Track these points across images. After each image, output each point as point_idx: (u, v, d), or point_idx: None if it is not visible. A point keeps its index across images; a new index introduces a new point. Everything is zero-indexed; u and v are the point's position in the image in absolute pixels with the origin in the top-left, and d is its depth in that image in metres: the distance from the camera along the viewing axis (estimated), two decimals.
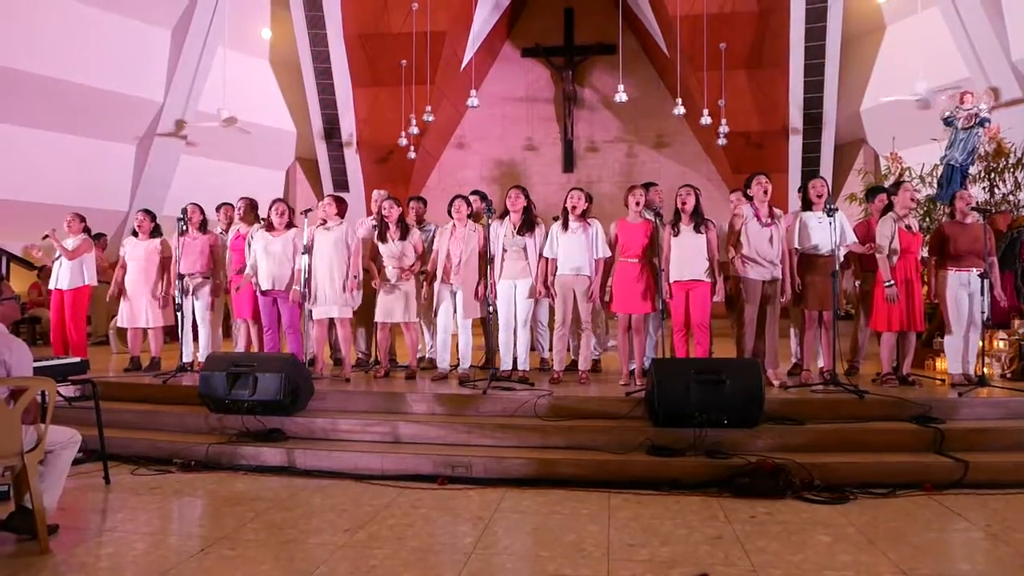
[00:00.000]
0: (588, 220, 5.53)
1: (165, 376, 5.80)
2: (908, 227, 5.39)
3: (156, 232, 6.62)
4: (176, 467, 4.48)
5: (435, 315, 5.80)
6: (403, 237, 5.78)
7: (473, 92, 10.79)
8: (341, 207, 5.88)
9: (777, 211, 5.49)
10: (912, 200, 5.47)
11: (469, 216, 5.81)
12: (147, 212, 6.67)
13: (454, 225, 5.73)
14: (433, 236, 6.02)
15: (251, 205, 6.39)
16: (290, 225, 5.92)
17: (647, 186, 5.97)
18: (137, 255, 6.49)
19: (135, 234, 6.61)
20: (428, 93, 11.47)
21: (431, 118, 11.22)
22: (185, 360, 6.21)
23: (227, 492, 4.04)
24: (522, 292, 5.65)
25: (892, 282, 5.26)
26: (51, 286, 6.73)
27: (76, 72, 9.68)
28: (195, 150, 11.53)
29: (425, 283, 5.84)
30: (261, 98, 12.24)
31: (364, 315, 6.19)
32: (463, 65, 12.27)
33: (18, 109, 9.47)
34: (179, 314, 6.15)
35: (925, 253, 5.73)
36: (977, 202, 7.27)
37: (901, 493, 3.86)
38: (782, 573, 2.86)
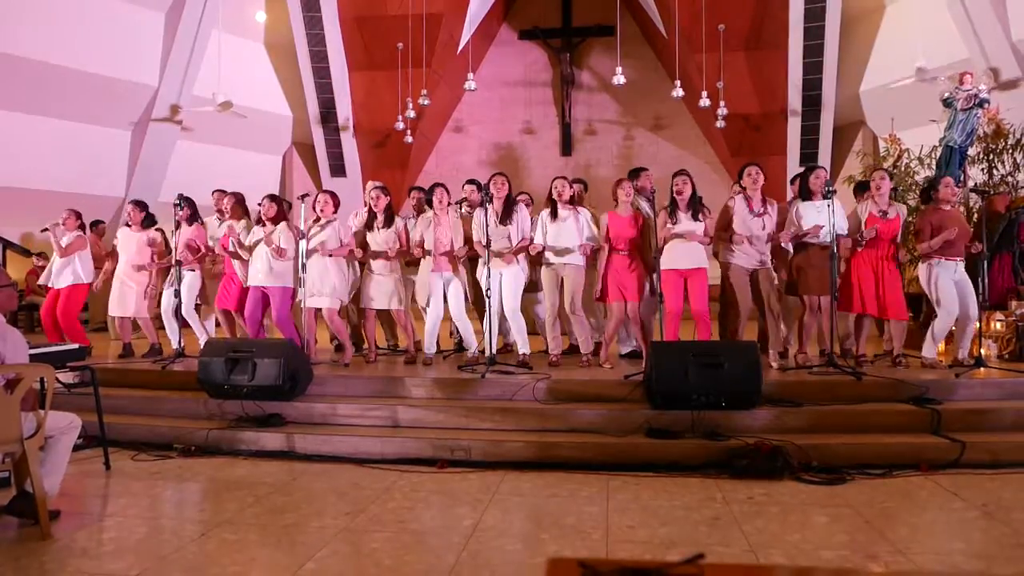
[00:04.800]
0: (578, 208, 5.53)
1: (164, 362, 5.81)
2: (883, 213, 5.37)
3: (149, 221, 6.60)
4: (176, 452, 4.50)
5: (426, 304, 5.83)
6: (387, 226, 5.79)
7: (470, 75, 10.71)
8: (336, 203, 5.88)
9: (770, 201, 5.49)
10: (877, 188, 5.43)
11: (460, 204, 5.83)
12: (137, 203, 6.65)
13: (435, 214, 5.74)
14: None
15: (239, 200, 6.34)
16: (279, 218, 5.90)
17: (636, 172, 5.95)
18: (128, 246, 6.51)
19: (129, 225, 6.60)
20: (425, 76, 11.39)
21: (427, 102, 11.15)
22: (179, 346, 6.21)
23: (227, 477, 4.06)
24: (508, 280, 5.61)
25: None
26: (42, 280, 6.70)
27: (69, 57, 9.59)
28: (191, 135, 11.46)
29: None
30: (257, 82, 12.14)
31: (357, 301, 6.22)
32: (460, 48, 12.16)
33: (11, 95, 9.40)
34: (177, 301, 6.15)
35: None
36: (975, 183, 7.28)
37: (898, 473, 3.89)
38: (779, 553, 2.88)
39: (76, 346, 4.65)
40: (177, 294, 6.06)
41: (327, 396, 5.08)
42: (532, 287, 5.98)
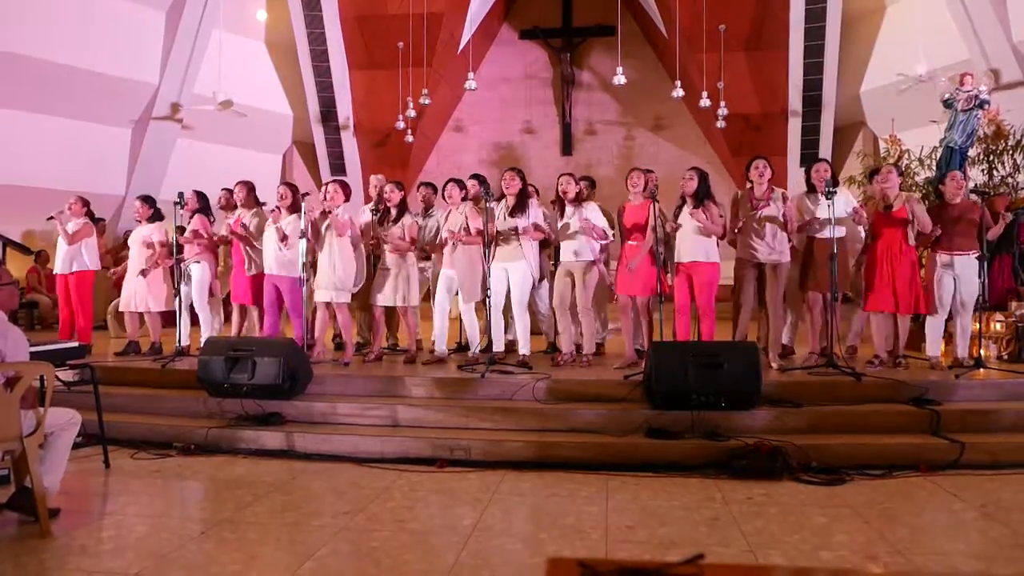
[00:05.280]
0: (582, 204, 5.54)
1: (164, 360, 5.81)
2: (887, 208, 5.36)
3: (156, 216, 6.63)
4: (176, 451, 4.50)
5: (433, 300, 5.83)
6: (398, 221, 5.79)
7: (471, 75, 10.71)
8: (347, 193, 5.86)
9: (779, 190, 5.46)
10: (884, 181, 5.43)
11: (464, 199, 5.80)
12: (144, 199, 6.67)
13: (448, 211, 5.75)
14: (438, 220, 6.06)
15: (250, 188, 6.39)
16: (294, 207, 5.91)
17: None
18: (136, 240, 6.54)
19: (139, 221, 6.65)
20: (425, 76, 11.39)
21: (428, 101, 11.15)
22: (183, 344, 6.22)
23: (227, 475, 4.06)
24: (515, 276, 5.59)
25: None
26: (55, 270, 6.75)
27: (70, 55, 9.59)
28: (191, 133, 11.45)
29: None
30: (257, 81, 12.14)
31: (365, 300, 6.21)
32: (460, 47, 12.16)
33: (12, 93, 9.39)
34: (178, 299, 6.16)
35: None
36: (976, 184, 7.28)
37: (897, 474, 3.89)
38: (778, 554, 2.88)
39: (76, 344, 4.65)
40: (178, 292, 6.06)
41: (327, 395, 5.08)
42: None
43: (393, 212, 5.80)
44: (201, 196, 6.54)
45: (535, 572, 2.73)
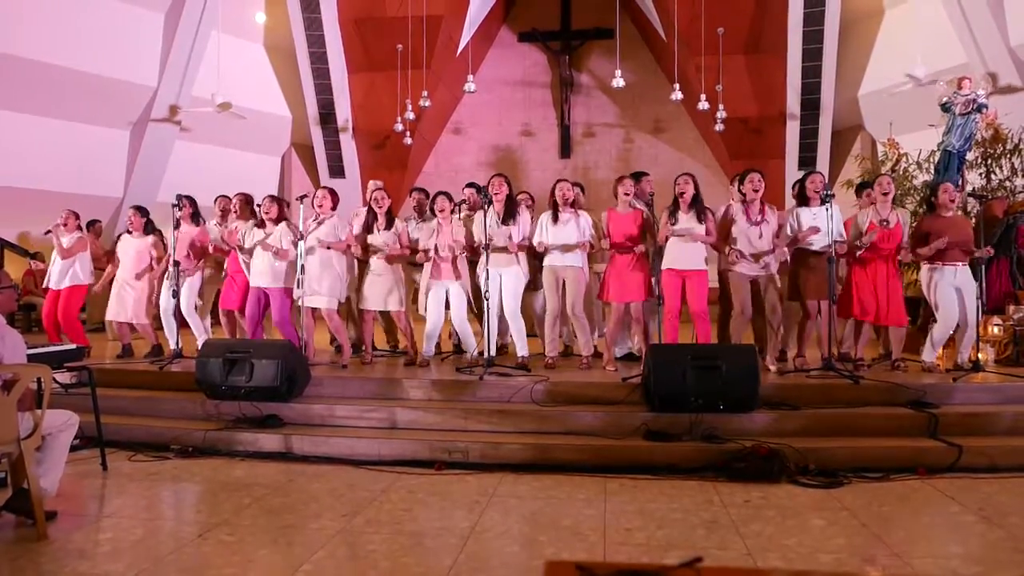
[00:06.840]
0: (578, 211, 5.55)
1: (162, 363, 5.80)
2: (884, 222, 5.36)
3: (149, 227, 6.63)
4: (173, 453, 4.49)
5: (424, 308, 5.83)
6: (388, 227, 5.78)
7: (470, 77, 10.72)
8: (335, 200, 5.87)
9: (769, 207, 5.48)
10: (884, 194, 5.41)
11: (460, 206, 5.82)
12: (138, 209, 6.68)
13: (439, 223, 5.76)
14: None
15: (247, 200, 6.39)
16: (280, 219, 5.89)
17: (637, 176, 5.95)
18: (128, 252, 6.55)
19: (129, 231, 6.63)
20: (424, 78, 11.40)
21: (427, 103, 11.16)
22: (177, 346, 6.21)
23: (224, 478, 4.05)
24: (508, 281, 5.61)
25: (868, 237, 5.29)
26: (45, 284, 6.74)
27: (68, 57, 9.59)
28: (190, 136, 11.45)
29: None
30: (256, 83, 12.14)
31: (349, 307, 6.22)
32: (459, 50, 12.18)
33: (10, 94, 9.39)
34: (175, 303, 6.15)
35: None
36: (973, 188, 7.30)
37: (895, 477, 3.89)
38: (776, 556, 2.88)
39: (74, 346, 4.64)
40: (175, 295, 6.05)
41: (325, 397, 5.08)
42: (530, 286, 5.96)
43: (381, 219, 5.80)
44: (191, 201, 6.49)
45: (533, 574, 2.73)
